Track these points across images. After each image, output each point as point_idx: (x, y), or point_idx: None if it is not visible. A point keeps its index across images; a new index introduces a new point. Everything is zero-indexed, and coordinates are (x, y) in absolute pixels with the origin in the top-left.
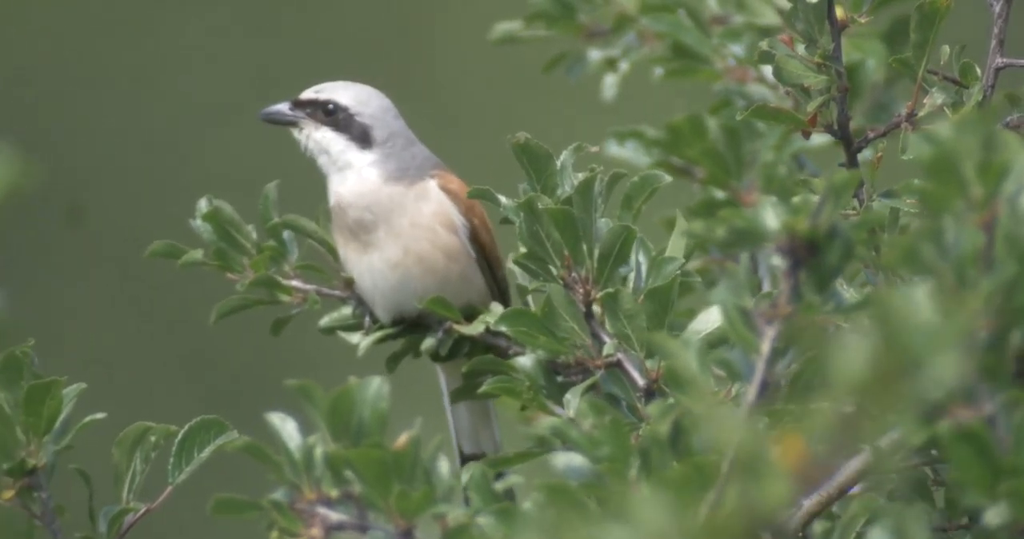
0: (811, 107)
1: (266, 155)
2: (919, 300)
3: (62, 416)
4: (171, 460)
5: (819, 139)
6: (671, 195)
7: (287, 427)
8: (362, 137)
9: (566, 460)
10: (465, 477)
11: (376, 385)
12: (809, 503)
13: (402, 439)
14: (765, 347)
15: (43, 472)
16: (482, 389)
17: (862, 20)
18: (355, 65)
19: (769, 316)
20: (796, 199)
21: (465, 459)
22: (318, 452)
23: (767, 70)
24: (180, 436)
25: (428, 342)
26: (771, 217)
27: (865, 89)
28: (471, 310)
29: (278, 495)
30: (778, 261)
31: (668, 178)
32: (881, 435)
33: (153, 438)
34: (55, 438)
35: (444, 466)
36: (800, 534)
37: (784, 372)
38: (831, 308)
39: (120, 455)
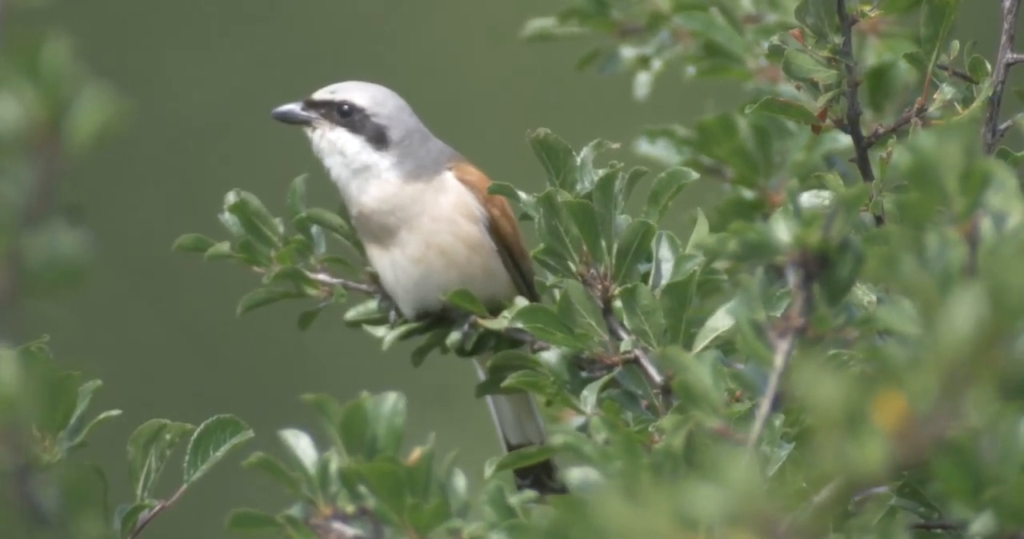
0: (820, 102)
1: (293, 148)
2: None
3: (77, 413)
4: (187, 458)
5: (847, 138)
6: (701, 194)
7: (301, 443)
8: (378, 138)
9: (581, 475)
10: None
11: (392, 401)
12: (819, 498)
13: (415, 454)
14: (779, 360)
15: None
16: (505, 384)
17: (872, 14)
18: (378, 59)
19: (782, 329)
20: (807, 212)
21: (512, 450)
22: (333, 467)
23: None
24: (196, 435)
25: (453, 337)
26: (783, 230)
27: (897, 90)
28: (496, 304)
29: (294, 511)
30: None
31: (695, 175)
32: (984, 398)
33: (168, 436)
34: (70, 434)
35: (460, 481)
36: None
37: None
38: (843, 321)
39: (135, 452)
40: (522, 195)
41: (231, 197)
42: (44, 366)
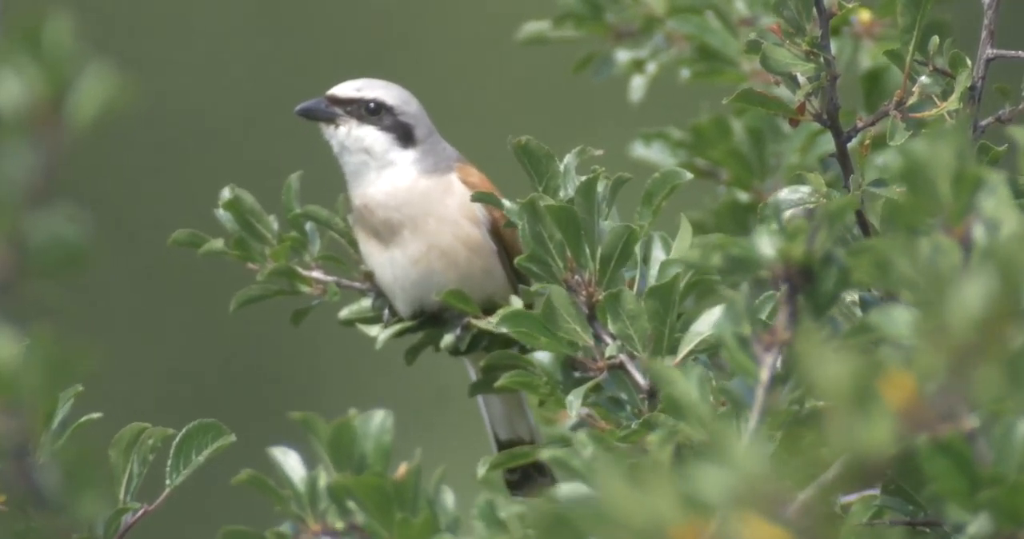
0: (799, 95)
1: (290, 146)
2: None
3: (59, 417)
4: (169, 463)
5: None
6: (696, 196)
7: (289, 460)
8: (405, 136)
9: (571, 490)
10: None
11: (380, 418)
12: (806, 496)
13: (402, 469)
14: (764, 375)
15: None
16: (498, 384)
17: (849, 5)
18: (375, 61)
19: (768, 343)
20: (791, 226)
21: (501, 446)
22: (322, 484)
23: None
24: (177, 439)
25: (447, 338)
26: (767, 244)
27: (892, 93)
28: (492, 304)
29: (284, 528)
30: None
31: (689, 175)
32: (994, 379)
33: (150, 441)
34: (52, 439)
35: (448, 496)
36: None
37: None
38: (828, 334)
39: (117, 456)
40: (506, 202)
41: (225, 193)
42: (47, 346)
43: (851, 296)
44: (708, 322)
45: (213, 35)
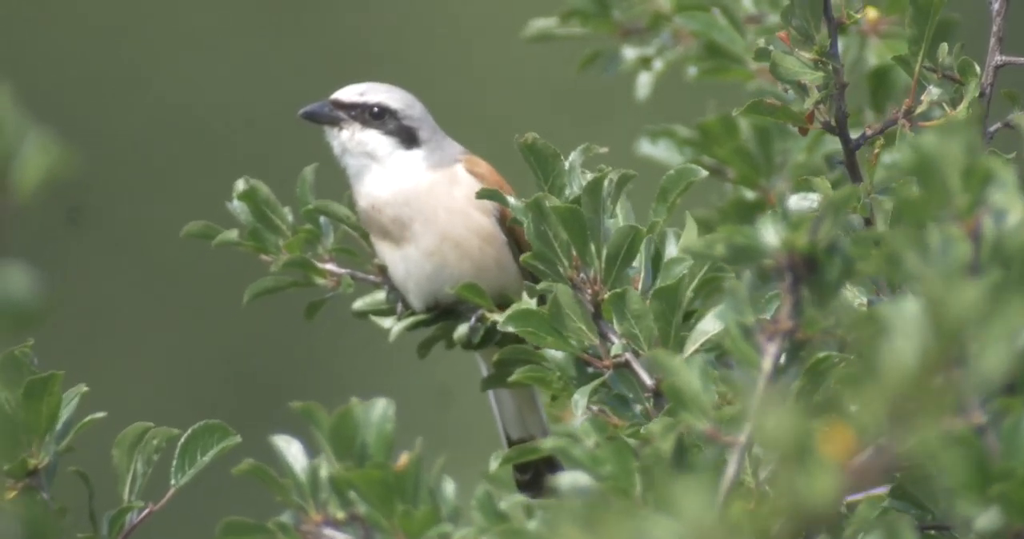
0: (808, 104)
1: (303, 143)
2: (969, 294)
3: (64, 417)
4: (174, 463)
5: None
6: (703, 194)
7: (292, 449)
8: (409, 140)
9: (571, 479)
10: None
11: (382, 407)
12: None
13: (403, 459)
14: (766, 363)
15: (44, 472)
16: (512, 378)
17: (857, 15)
18: (381, 61)
19: (770, 332)
20: (795, 215)
21: (512, 445)
22: (323, 474)
23: None
24: (183, 440)
25: (460, 330)
26: (771, 234)
27: (898, 90)
28: (505, 298)
29: (285, 517)
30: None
31: (704, 172)
32: (930, 427)
33: (155, 441)
34: (56, 439)
35: (449, 487)
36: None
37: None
38: (832, 323)
39: (120, 455)
40: (511, 200)
41: (240, 185)
42: (24, 370)
43: (859, 299)
44: (714, 321)
45: (217, 37)
